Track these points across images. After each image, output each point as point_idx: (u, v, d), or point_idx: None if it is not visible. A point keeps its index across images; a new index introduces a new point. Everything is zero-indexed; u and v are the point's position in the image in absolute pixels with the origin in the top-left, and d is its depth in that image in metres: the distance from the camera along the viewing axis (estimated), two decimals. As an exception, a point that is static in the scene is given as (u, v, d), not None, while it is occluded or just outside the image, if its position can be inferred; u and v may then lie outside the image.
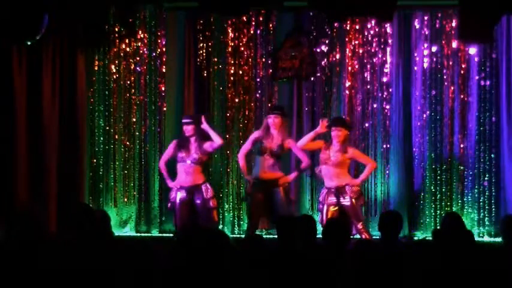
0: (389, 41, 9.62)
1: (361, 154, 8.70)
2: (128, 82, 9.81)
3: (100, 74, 9.77)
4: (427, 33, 9.56)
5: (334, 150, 8.35)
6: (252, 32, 9.76)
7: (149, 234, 9.74)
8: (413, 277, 4.93)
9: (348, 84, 9.67)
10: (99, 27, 8.85)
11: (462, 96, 9.56)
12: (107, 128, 9.80)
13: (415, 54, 9.59)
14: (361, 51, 9.65)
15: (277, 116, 8.54)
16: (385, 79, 9.66)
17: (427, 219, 9.55)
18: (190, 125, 8.65)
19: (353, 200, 8.34)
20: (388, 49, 9.61)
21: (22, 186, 8.90)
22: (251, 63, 9.79)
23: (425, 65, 9.56)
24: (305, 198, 9.72)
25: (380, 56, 9.64)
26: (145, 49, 9.77)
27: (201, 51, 9.80)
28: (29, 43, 8.37)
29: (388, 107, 9.65)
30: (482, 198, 9.49)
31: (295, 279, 4.94)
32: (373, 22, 9.57)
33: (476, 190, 9.50)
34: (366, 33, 9.65)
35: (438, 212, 9.52)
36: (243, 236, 9.19)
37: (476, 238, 8.96)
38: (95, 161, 9.77)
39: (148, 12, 9.75)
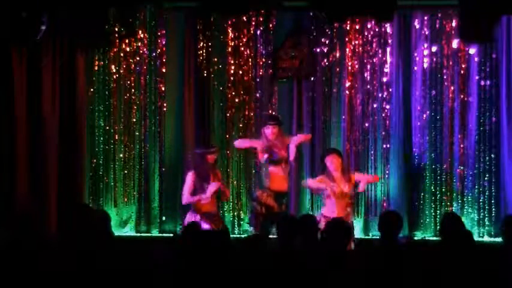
0: (389, 41, 9.61)
1: (360, 174, 8.67)
2: (128, 82, 9.80)
3: (100, 74, 9.76)
4: (427, 33, 9.56)
5: (342, 182, 8.17)
6: (252, 32, 9.76)
7: (149, 234, 9.74)
8: (413, 277, 4.94)
9: (348, 84, 9.67)
10: (99, 27, 8.85)
11: (462, 96, 9.56)
12: (107, 128, 9.80)
13: (415, 54, 9.58)
14: (361, 51, 9.65)
15: (275, 126, 8.42)
16: (385, 79, 9.65)
17: (427, 219, 9.55)
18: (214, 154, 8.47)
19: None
20: (388, 49, 9.61)
21: (22, 186, 8.90)
22: (251, 63, 9.78)
23: (425, 65, 9.56)
24: (305, 198, 9.72)
25: (380, 56, 9.63)
26: (145, 49, 9.77)
27: (201, 51, 9.80)
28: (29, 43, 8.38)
29: (388, 107, 9.65)
30: (482, 198, 9.49)
31: (294, 279, 4.95)
32: (373, 22, 9.56)
33: (476, 190, 9.50)
34: (366, 33, 9.64)
35: (438, 212, 9.52)
36: (243, 236, 9.19)
37: (476, 238, 8.97)
38: (95, 161, 9.76)
39: (148, 12, 9.74)
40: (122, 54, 9.77)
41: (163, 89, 9.83)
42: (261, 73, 9.78)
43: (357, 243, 8.00)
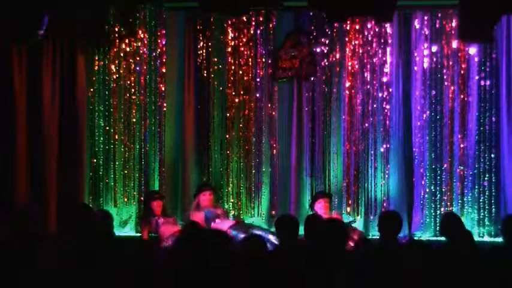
0: (389, 41, 9.61)
1: None
2: (128, 82, 9.81)
3: (100, 74, 9.77)
4: (427, 33, 9.56)
5: None
6: (252, 32, 9.76)
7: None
8: (413, 277, 4.94)
9: (348, 84, 9.66)
10: (99, 27, 8.85)
11: (462, 96, 9.56)
12: (107, 128, 9.80)
13: (415, 54, 9.58)
14: (361, 51, 9.65)
15: (211, 193, 8.88)
16: (385, 79, 9.65)
17: (427, 219, 9.55)
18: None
19: None
20: (388, 49, 9.61)
21: (22, 186, 8.90)
22: (251, 63, 9.79)
23: (425, 65, 9.56)
24: (305, 199, 9.71)
25: (380, 56, 9.63)
26: (145, 49, 9.77)
27: (201, 51, 9.80)
28: (29, 43, 8.39)
29: (388, 107, 9.64)
30: (482, 198, 9.49)
31: (295, 277, 4.95)
32: (373, 22, 9.55)
33: (476, 190, 9.50)
34: (366, 33, 9.64)
35: (438, 212, 9.52)
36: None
37: (476, 238, 8.97)
38: (95, 161, 9.76)
39: (148, 12, 9.74)
40: (122, 54, 9.77)
41: (163, 89, 9.83)
42: (261, 73, 9.79)
43: (357, 243, 8.00)
